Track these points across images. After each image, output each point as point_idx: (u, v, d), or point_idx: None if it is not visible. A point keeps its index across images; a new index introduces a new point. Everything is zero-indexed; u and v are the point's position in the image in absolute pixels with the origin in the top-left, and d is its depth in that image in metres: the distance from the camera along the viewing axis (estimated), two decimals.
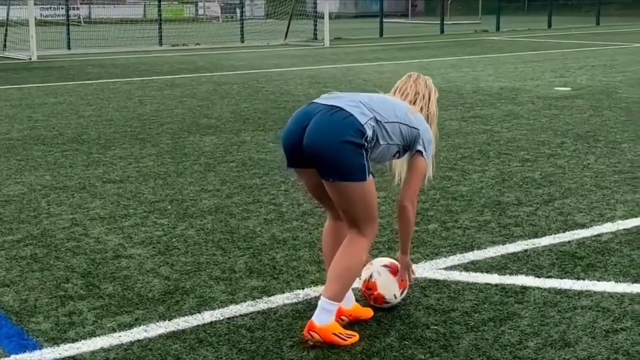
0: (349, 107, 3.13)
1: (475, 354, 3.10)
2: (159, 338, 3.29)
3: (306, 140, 3.11)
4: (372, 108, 3.18)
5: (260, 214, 5.08)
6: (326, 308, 3.13)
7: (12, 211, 5.21)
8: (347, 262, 3.17)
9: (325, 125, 3.09)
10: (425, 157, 3.30)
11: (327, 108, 3.15)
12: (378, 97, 3.33)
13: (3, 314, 3.54)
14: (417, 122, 3.34)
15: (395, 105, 3.31)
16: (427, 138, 3.35)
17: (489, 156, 6.74)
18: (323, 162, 3.10)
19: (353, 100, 3.19)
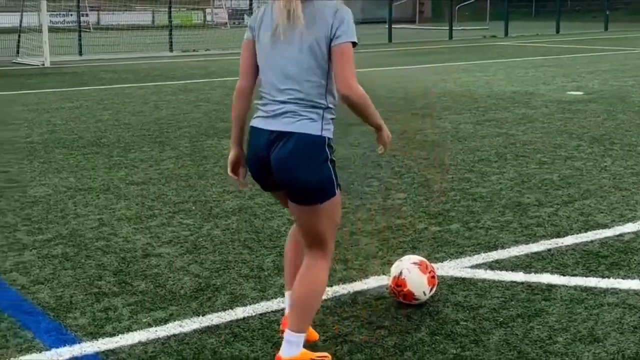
0: (299, 125, 2.82)
1: (506, 348, 3.16)
2: (194, 333, 3.36)
3: (276, 175, 2.88)
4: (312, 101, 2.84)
5: (284, 214, 5.15)
6: (293, 341, 2.94)
7: (40, 212, 5.29)
8: (312, 288, 2.97)
9: (287, 160, 2.82)
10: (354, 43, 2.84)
11: (281, 137, 2.82)
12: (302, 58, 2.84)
13: (40, 310, 3.61)
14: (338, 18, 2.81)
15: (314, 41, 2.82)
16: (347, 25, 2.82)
17: (506, 158, 6.80)
18: (293, 192, 2.90)
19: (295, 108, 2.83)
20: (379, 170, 6.43)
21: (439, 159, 6.84)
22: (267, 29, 2.88)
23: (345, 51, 2.82)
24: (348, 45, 2.82)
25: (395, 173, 6.31)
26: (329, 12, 2.82)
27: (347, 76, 2.80)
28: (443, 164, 6.61)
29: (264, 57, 2.91)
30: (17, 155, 7.23)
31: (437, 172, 6.33)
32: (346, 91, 2.81)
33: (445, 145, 7.44)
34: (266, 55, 2.89)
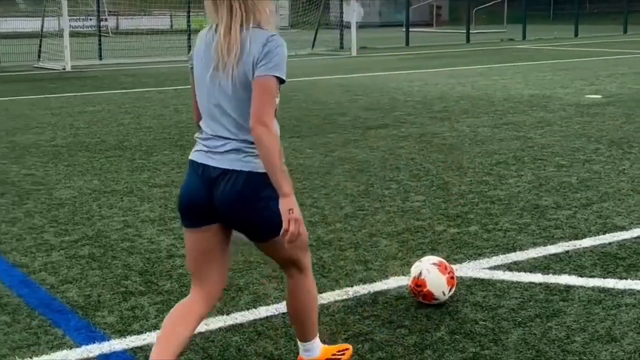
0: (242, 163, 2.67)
1: (525, 347, 3.22)
2: (219, 331, 3.45)
3: (222, 211, 2.70)
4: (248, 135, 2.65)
5: (304, 217, 5.17)
6: (306, 348, 3.03)
7: (66, 214, 5.41)
8: (302, 305, 2.95)
9: (234, 199, 2.67)
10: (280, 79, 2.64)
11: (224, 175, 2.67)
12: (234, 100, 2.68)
13: (69, 308, 3.72)
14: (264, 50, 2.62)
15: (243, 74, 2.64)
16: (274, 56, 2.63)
17: (524, 162, 6.85)
18: (246, 227, 2.76)
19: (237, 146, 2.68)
20: (397, 173, 6.50)
21: (457, 162, 6.90)
22: (202, 60, 2.71)
23: (264, 84, 2.59)
24: (270, 80, 2.59)
25: (414, 176, 6.38)
26: (260, 42, 2.62)
27: (261, 108, 2.58)
28: (461, 167, 6.67)
29: (201, 90, 2.73)
30: (42, 158, 7.37)
31: (456, 175, 6.39)
32: (254, 124, 2.58)
33: (463, 149, 7.49)
34: (203, 88, 2.71)
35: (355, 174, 6.49)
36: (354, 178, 6.35)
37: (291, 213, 2.62)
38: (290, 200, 2.64)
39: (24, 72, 17.49)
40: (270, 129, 2.59)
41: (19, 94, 12.95)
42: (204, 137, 2.75)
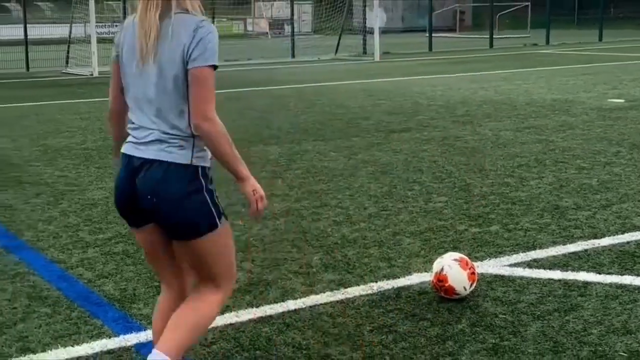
0: (164, 153, 2.59)
1: (543, 339, 3.35)
2: (249, 322, 3.61)
3: (142, 205, 2.63)
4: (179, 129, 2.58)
5: (329, 216, 5.39)
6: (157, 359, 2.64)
7: (99, 213, 5.61)
8: (195, 316, 2.72)
9: (152, 191, 2.59)
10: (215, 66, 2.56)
11: (146, 164, 2.61)
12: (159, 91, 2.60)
13: (106, 301, 3.91)
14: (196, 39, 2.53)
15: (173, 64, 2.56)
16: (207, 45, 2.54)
17: (546, 164, 6.95)
18: (164, 224, 2.66)
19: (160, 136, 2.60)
20: (420, 175, 6.63)
21: (479, 164, 7.02)
22: (128, 48, 2.62)
23: (202, 76, 2.51)
24: (205, 70, 2.51)
25: (437, 178, 6.51)
26: (188, 30, 2.52)
27: (202, 104, 2.50)
28: (483, 169, 6.79)
29: (127, 79, 2.64)
30: (74, 160, 7.60)
31: (478, 177, 6.51)
32: (198, 120, 2.51)
33: (486, 152, 7.60)
34: (129, 77, 2.63)
35: (379, 176, 6.63)
36: (377, 180, 6.49)
37: (255, 193, 2.65)
38: (251, 182, 2.65)
39: (52, 77, 17.85)
40: (215, 123, 2.53)
41: (49, 99, 13.26)
42: (133, 127, 2.67)
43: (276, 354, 3.28)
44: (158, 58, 2.54)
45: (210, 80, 2.53)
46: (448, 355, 3.23)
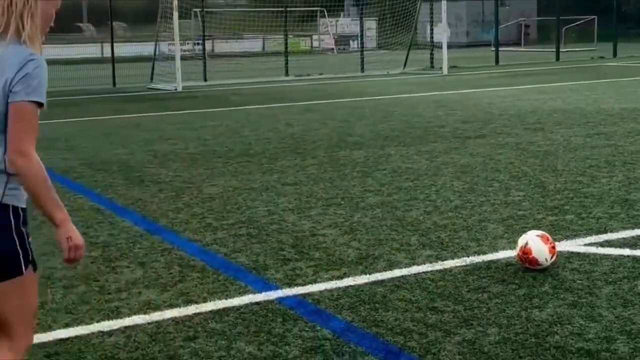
0: None
1: (614, 298, 4.00)
2: (366, 284, 4.36)
3: None
4: None
5: (420, 207, 6.11)
6: None
7: (218, 205, 6.46)
8: None
9: None
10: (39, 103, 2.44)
11: None
12: None
13: (244, 269, 4.72)
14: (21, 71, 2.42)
15: None
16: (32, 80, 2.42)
17: (615, 165, 7.53)
18: None
19: None
20: (498, 174, 7.29)
21: (552, 165, 7.63)
22: None
23: (23, 112, 2.39)
24: (26, 105, 2.39)
25: (513, 177, 7.16)
26: (16, 61, 2.41)
27: (21, 141, 2.38)
28: (556, 170, 7.41)
29: None
30: (183, 163, 8.51)
31: (552, 176, 7.14)
32: (13, 155, 2.38)
33: (558, 155, 8.21)
34: None
35: (460, 175, 7.32)
36: (459, 179, 7.18)
37: (70, 241, 2.47)
38: (66, 228, 2.47)
39: (141, 92, 19.06)
40: (30, 159, 2.39)
41: (144, 111, 14.35)
42: None
43: (392, 306, 4.02)
44: None
45: (30, 115, 2.40)
46: (535, 308, 3.91)
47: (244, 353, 3.51)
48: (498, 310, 3.92)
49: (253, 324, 3.84)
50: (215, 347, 3.58)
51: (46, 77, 2.44)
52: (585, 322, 3.73)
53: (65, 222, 2.45)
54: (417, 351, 3.48)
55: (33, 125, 2.41)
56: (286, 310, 4.02)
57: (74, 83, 21.56)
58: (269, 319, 3.90)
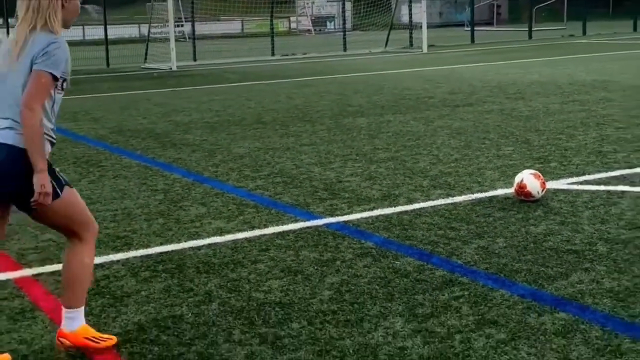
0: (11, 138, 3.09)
1: (593, 217, 5.05)
2: (393, 214, 5.35)
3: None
4: None
5: (425, 161, 7.12)
6: (69, 316, 3.33)
7: (249, 161, 7.41)
8: (75, 272, 3.32)
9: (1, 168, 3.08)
10: (53, 75, 3.09)
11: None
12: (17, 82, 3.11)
13: (289, 205, 5.69)
14: (44, 49, 3.08)
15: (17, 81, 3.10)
16: (51, 55, 3.08)
17: (589, 125, 8.60)
18: (14, 198, 3.18)
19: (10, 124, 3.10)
20: (488, 134, 8.32)
21: (535, 127, 8.69)
22: (2, 53, 3.19)
23: (38, 76, 3.04)
24: (42, 73, 3.04)
25: (502, 136, 8.20)
26: (42, 44, 3.08)
27: (31, 98, 3.02)
28: (538, 130, 8.46)
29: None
30: (205, 130, 9.43)
31: (535, 134, 8.18)
32: (23, 109, 3.02)
33: (539, 118, 9.27)
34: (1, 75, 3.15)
35: (455, 136, 8.34)
36: (454, 138, 8.21)
37: (42, 188, 3.06)
38: (43, 176, 3.05)
39: (137, 72, 19.83)
40: (35, 113, 3.02)
41: (147, 88, 15.20)
42: None
43: (418, 227, 5.03)
44: (19, 65, 3.08)
45: (44, 81, 3.05)
46: (531, 226, 4.95)
47: (309, 258, 4.49)
48: (502, 227, 4.94)
49: (311, 240, 4.83)
50: (285, 255, 4.56)
51: (64, 57, 3.11)
52: (571, 233, 4.77)
53: (43, 171, 3.06)
54: (444, 254, 4.49)
55: (44, 90, 3.06)
56: (334, 231, 5.01)
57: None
58: (322, 236, 4.90)
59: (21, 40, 3.09)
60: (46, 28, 3.11)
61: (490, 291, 3.87)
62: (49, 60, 3.04)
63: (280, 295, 3.94)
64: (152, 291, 4.06)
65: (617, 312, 3.57)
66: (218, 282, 4.16)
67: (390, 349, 3.28)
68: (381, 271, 4.22)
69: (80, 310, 3.35)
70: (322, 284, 4.07)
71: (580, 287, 3.87)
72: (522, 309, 3.63)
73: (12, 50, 3.11)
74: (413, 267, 4.27)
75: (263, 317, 3.66)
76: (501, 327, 3.45)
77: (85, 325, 3.36)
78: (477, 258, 4.40)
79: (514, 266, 4.22)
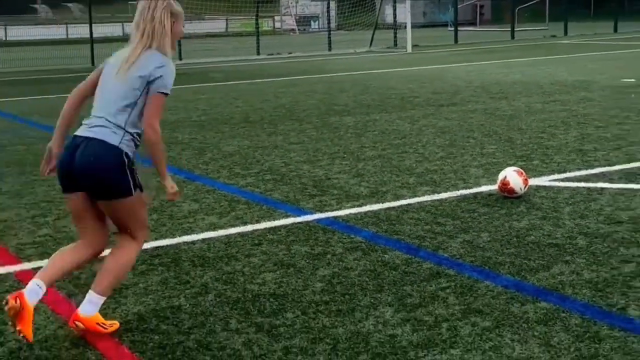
0: (102, 134, 3.45)
1: (574, 213, 5.24)
2: (380, 210, 5.52)
3: (77, 172, 3.47)
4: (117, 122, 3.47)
5: (412, 158, 7.30)
6: (93, 301, 3.56)
7: (239, 159, 7.55)
8: (119, 262, 3.60)
9: (87, 157, 3.43)
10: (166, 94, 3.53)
11: (86, 141, 3.46)
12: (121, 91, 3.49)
13: (280, 201, 5.84)
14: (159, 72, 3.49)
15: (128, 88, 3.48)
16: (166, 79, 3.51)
17: (570, 125, 8.81)
18: (93, 187, 3.48)
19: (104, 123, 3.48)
20: (472, 133, 8.51)
21: (517, 126, 8.89)
22: (110, 66, 3.59)
23: (155, 100, 3.48)
24: (160, 96, 3.49)
25: (485, 135, 8.39)
26: (155, 63, 3.49)
27: (153, 119, 3.47)
28: (521, 129, 8.66)
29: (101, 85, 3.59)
30: (193, 129, 9.56)
31: (517, 133, 8.38)
32: (147, 128, 3.47)
33: (521, 118, 9.47)
34: (104, 83, 3.58)
35: (440, 134, 8.53)
36: (439, 137, 8.39)
37: (172, 189, 3.62)
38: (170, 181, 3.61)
39: None
40: (156, 132, 3.49)
41: None
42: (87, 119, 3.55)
43: (405, 222, 5.19)
44: (126, 77, 3.48)
45: (160, 103, 3.51)
46: (514, 221, 5.13)
47: (301, 251, 4.65)
48: (487, 222, 5.12)
49: (302, 234, 4.99)
50: (278, 249, 4.71)
51: (173, 76, 3.56)
52: (553, 228, 4.96)
53: (168, 178, 3.62)
54: (430, 248, 4.66)
55: (161, 109, 3.56)
56: (324, 227, 5.17)
57: (53, 62, 22.28)
58: (313, 231, 5.05)
59: (133, 58, 3.51)
60: (158, 49, 3.54)
61: (476, 282, 4.04)
62: (162, 82, 3.49)
63: (274, 287, 4.09)
64: (150, 283, 4.20)
65: (595, 301, 3.75)
66: (213, 274, 4.31)
67: (381, 337, 3.44)
68: (371, 264, 4.39)
69: (103, 300, 3.60)
70: (314, 276, 4.23)
71: (560, 279, 4.06)
72: (505, 299, 3.81)
73: (123, 65, 3.52)
74: (401, 260, 4.43)
75: (258, 308, 3.81)
76: (486, 315, 3.62)
77: (98, 314, 3.59)
78: (463, 251, 4.57)
79: (498, 259, 4.40)
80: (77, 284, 4.20)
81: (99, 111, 3.53)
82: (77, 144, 3.47)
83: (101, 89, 3.58)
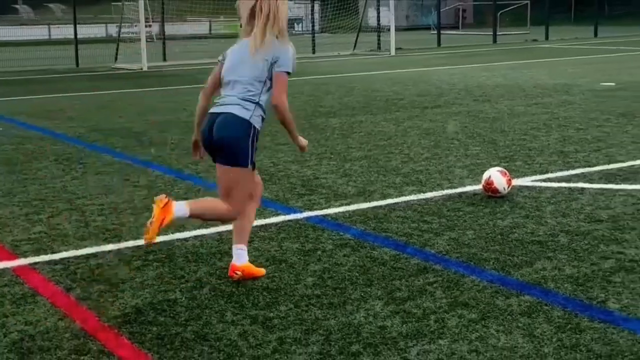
0: (235, 109, 3.96)
1: (556, 212, 5.41)
2: (368, 208, 5.66)
3: (215, 142, 4.00)
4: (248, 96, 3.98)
5: (398, 159, 7.45)
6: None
7: None
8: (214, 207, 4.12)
9: (222, 127, 3.95)
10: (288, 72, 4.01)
11: (222, 115, 3.99)
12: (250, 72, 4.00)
13: (270, 200, 5.97)
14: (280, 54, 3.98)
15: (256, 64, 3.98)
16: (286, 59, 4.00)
17: (552, 127, 9.02)
18: (221, 152, 4.01)
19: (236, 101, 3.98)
20: (456, 135, 8.68)
21: (500, 128, 9.08)
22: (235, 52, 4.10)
23: (280, 77, 3.98)
24: (282, 74, 3.99)
25: (470, 136, 8.57)
26: (277, 48, 3.99)
27: (281, 93, 3.98)
28: (504, 131, 8.85)
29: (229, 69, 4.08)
30: (182, 129, 9.63)
31: (501, 135, 8.57)
32: (277, 101, 3.98)
33: (504, 120, 9.67)
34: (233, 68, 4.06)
35: (425, 136, 8.69)
36: (424, 138, 8.55)
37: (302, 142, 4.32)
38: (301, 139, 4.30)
39: (108, 72, 19.90)
40: (284, 104, 4.01)
41: (121, 87, 15.33)
42: (219, 98, 4.11)
43: (392, 220, 5.34)
44: (255, 60, 3.99)
45: (284, 79, 4.02)
46: (499, 219, 5.29)
47: (292, 248, 4.78)
48: (472, 221, 5.28)
49: (292, 232, 5.12)
50: (269, 246, 4.85)
51: (292, 56, 4.03)
52: (535, 226, 5.13)
53: (299, 137, 4.27)
54: (418, 245, 4.81)
55: (285, 86, 4.04)
56: (313, 224, 5.31)
57: (37, 63, 22.24)
58: (303, 229, 5.19)
59: (259, 42, 3.97)
60: (276, 34, 4.01)
61: (462, 277, 4.20)
62: (284, 63, 3.99)
63: (267, 281, 4.22)
64: (146, 278, 4.31)
65: (576, 295, 3.92)
66: (207, 269, 4.43)
67: (371, 328, 3.58)
68: (360, 260, 4.53)
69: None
70: (306, 271, 4.36)
71: (543, 274, 4.22)
72: (490, 293, 3.96)
73: (251, 49, 3.99)
74: (389, 257, 4.58)
75: (252, 301, 3.94)
76: (472, 308, 3.77)
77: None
78: (449, 248, 4.72)
79: (483, 255, 4.56)
80: (75, 279, 4.31)
81: (230, 91, 4.03)
82: (214, 120, 3.99)
83: (230, 72, 4.05)
